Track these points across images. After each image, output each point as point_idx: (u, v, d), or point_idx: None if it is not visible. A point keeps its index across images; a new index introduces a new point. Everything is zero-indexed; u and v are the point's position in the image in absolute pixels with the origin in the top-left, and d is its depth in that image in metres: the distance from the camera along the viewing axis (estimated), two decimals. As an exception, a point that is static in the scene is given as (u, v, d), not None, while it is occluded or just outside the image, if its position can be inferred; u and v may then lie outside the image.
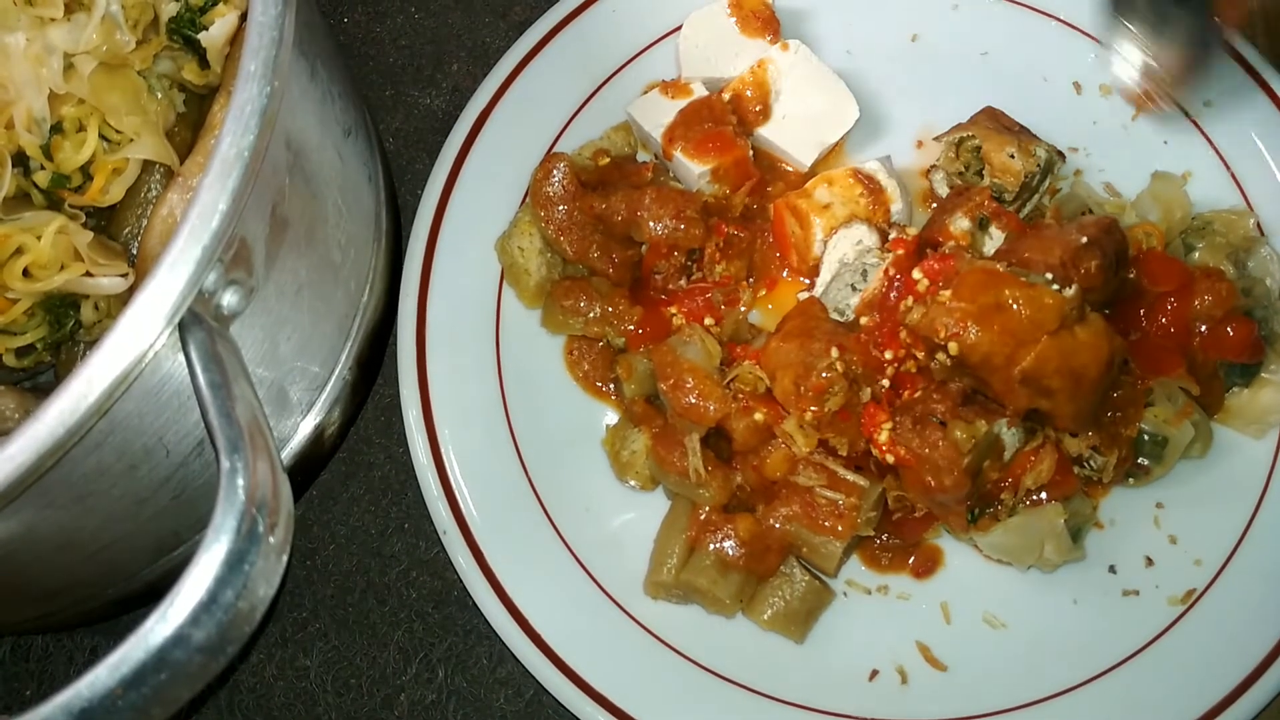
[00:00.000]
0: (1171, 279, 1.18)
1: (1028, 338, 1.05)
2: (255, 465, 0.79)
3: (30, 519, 0.87)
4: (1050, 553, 1.13)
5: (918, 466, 1.08)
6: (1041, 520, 1.12)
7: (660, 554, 1.17)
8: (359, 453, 1.31)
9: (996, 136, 1.24)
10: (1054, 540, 1.12)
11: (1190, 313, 1.17)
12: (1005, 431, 1.09)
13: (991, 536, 1.13)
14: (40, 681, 1.23)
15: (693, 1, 1.34)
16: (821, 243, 1.24)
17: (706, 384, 1.14)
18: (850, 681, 1.15)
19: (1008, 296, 1.06)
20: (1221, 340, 1.17)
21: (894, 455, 1.09)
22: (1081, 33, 1.34)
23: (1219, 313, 1.17)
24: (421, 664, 1.23)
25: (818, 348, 1.12)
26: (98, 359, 0.79)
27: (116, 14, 1.02)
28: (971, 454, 1.07)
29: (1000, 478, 1.11)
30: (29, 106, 1.00)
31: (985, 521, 1.13)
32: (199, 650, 0.76)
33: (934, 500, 1.10)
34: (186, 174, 1.03)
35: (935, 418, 1.08)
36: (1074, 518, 1.14)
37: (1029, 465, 1.11)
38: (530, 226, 1.27)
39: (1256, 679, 1.10)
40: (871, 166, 1.27)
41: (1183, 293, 1.17)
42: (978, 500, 1.11)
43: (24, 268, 0.98)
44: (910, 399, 1.12)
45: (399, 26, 1.48)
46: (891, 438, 1.09)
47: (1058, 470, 1.12)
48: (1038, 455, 1.11)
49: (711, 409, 1.13)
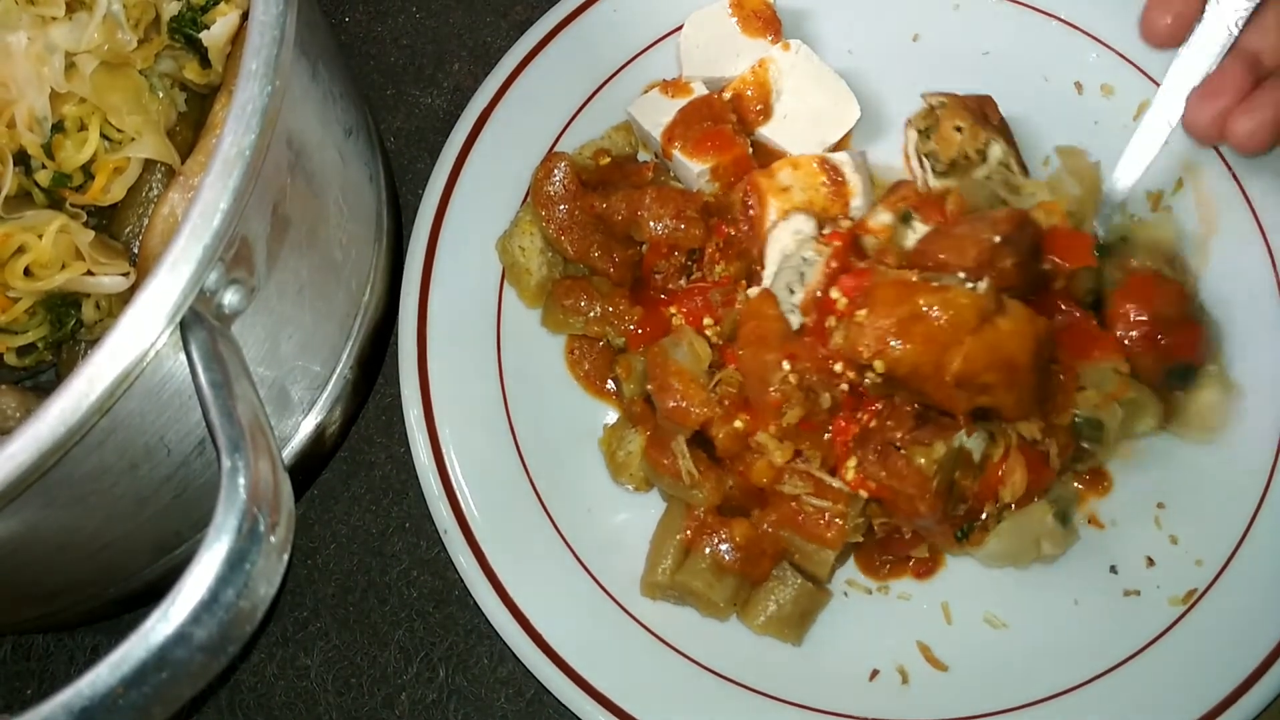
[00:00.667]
0: (1079, 254, 1.17)
1: (951, 341, 1.04)
2: (256, 464, 0.79)
3: (31, 518, 0.87)
4: (1048, 547, 1.13)
5: (891, 496, 1.08)
6: (1030, 519, 1.12)
7: (655, 555, 1.17)
8: (360, 452, 1.31)
9: (962, 113, 1.24)
10: (1048, 535, 1.12)
11: (1153, 318, 1.16)
12: (967, 441, 1.09)
13: (987, 548, 1.13)
14: (41, 681, 1.23)
15: (694, 1, 1.34)
16: (772, 223, 1.22)
17: (691, 387, 1.13)
18: (851, 681, 1.15)
19: (923, 304, 1.05)
20: (1178, 342, 1.17)
21: (865, 489, 1.10)
22: (1083, 32, 1.34)
23: (1177, 314, 1.17)
24: (422, 663, 1.23)
25: (771, 359, 1.11)
26: (99, 358, 0.79)
27: (118, 13, 1.02)
28: (938, 475, 1.07)
29: (979, 491, 1.11)
30: (30, 105, 1.00)
31: (976, 536, 1.13)
32: (200, 649, 0.76)
33: (917, 524, 1.11)
34: (188, 173, 1.03)
35: (895, 445, 1.08)
36: (1058, 503, 1.14)
37: (1002, 480, 1.11)
38: (531, 226, 1.27)
39: (1258, 679, 1.10)
40: (839, 158, 1.25)
41: (1142, 299, 1.16)
42: (963, 518, 1.12)
43: (25, 266, 0.98)
44: (867, 429, 1.11)
45: (400, 26, 1.49)
46: (858, 474, 1.10)
47: (1030, 470, 1.11)
48: (1007, 467, 1.10)
49: (694, 413, 1.12)
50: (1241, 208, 1.27)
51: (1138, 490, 1.20)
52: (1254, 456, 1.19)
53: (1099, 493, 1.20)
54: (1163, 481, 1.20)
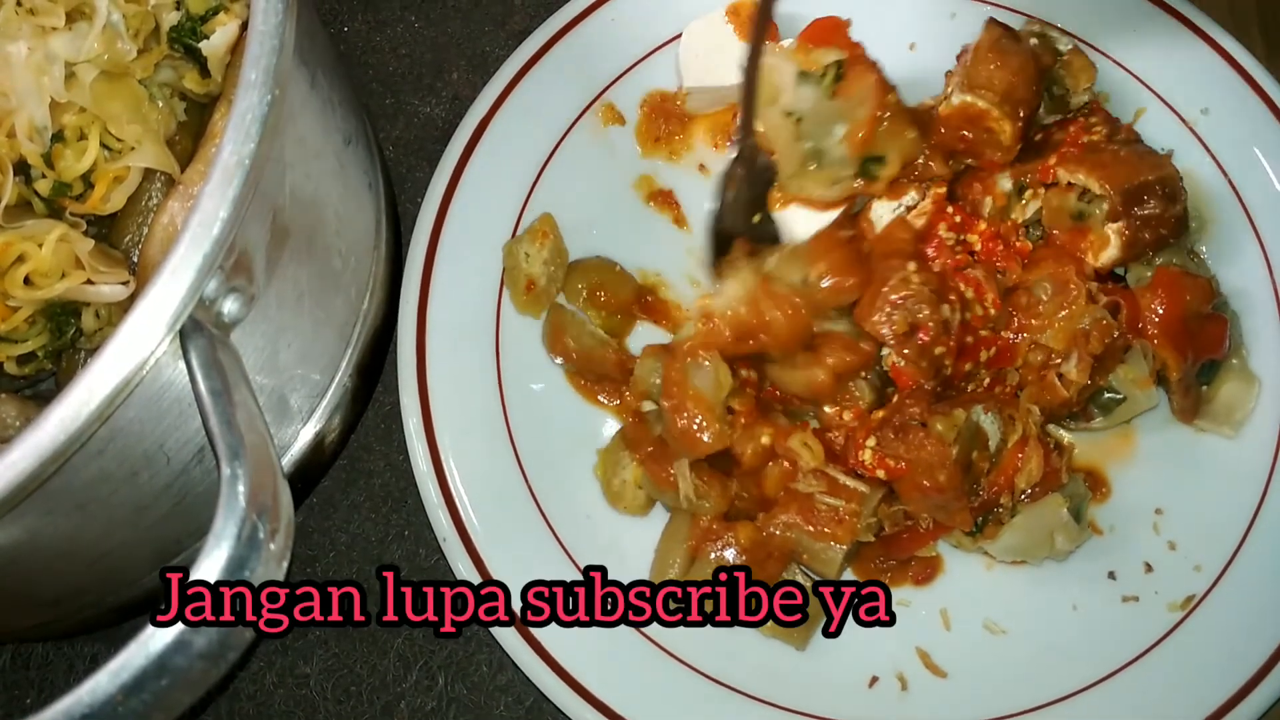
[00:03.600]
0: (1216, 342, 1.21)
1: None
2: (256, 472, 0.79)
3: (31, 526, 0.87)
4: (1062, 542, 1.13)
5: (910, 472, 1.08)
6: (1045, 513, 1.13)
7: (661, 563, 1.18)
8: (359, 460, 1.31)
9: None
10: (1062, 529, 1.13)
11: (1185, 311, 1.17)
12: (983, 418, 1.10)
13: (1001, 541, 1.14)
14: (41, 690, 1.23)
15: (691, 10, 1.35)
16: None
17: (708, 416, 1.12)
18: (851, 688, 1.15)
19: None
20: (1206, 338, 1.18)
21: (883, 469, 1.10)
22: (1080, 40, 1.34)
23: (1206, 309, 1.18)
24: (422, 671, 1.23)
25: (895, 262, 1.13)
26: (99, 366, 0.79)
27: (118, 23, 1.03)
28: (958, 443, 1.08)
29: (994, 478, 1.11)
30: (30, 115, 1.00)
31: (991, 529, 1.14)
32: (200, 656, 0.76)
33: (934, 504, 1.10)
34: (187, 182, 1.03)
35: (914, 421, 1.09)
36: (1073, 499, 1.15)
37: (1019, 465, 1.11)
38: (542, 238, 1.27)
39: (1256, 684, 1.10)
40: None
41: (1173, 296, 1.17)
42: (979, 508, 1.12)
43: (25, 275, 0.99)
44: (885, 415, 1.12)
45: (399, 35, 1.49)
46: (876, 453, 1.10)
47: (1046, 463, 1.13)
48: (1025, 453, 1.11)
49: (704, 442, 1.11)
50: (1234, 205, 1.28)
51: (1136, 496, 1.20)
52: (1252, 461, 1.20)
53: (1098, 499, 1.20)
54: (1161, 487, 1.20)
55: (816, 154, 1.20)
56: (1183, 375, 1.17)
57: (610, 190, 1.34)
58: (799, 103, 1.19)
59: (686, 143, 1.36)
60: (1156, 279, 1.18)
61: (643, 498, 1.21)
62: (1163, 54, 1.34)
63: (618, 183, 1.35)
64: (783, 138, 1.20)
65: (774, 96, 1.19)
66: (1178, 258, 1.21)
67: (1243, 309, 1.25)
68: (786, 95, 1.19)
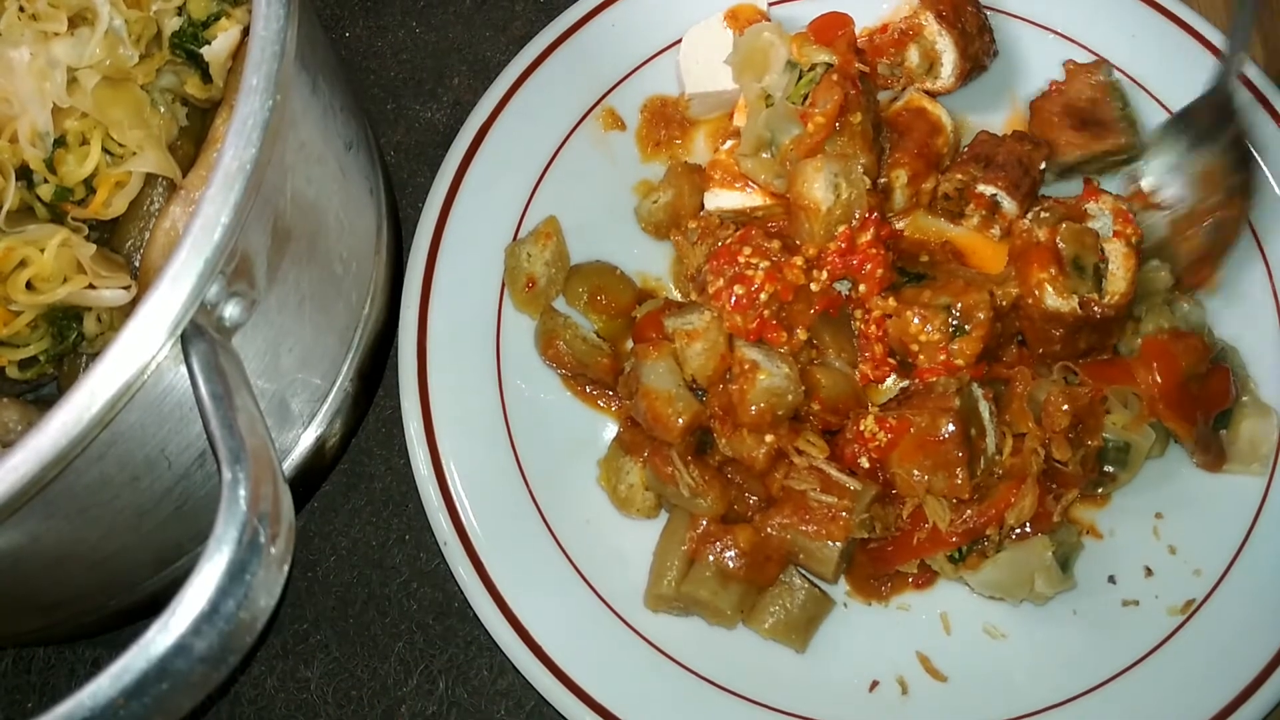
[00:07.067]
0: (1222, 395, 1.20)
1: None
2: (257, 477, 0.80)
3: (33, 530, 0.87)
4: (1041, 585, 1.13)
5: (912, 427, 1.11)
6: (1030, 553, 1.13)
7: (660, 567, 1.18)
8: (360, 464, 1.31)
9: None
10: (1044, 573, 1.12)
11: (1182, 378, 1.16)
12: (980, 401, 1.13)
13: (981, 574, 1.14)
14: (42, 694, 1.23)
15: (691, 15, 1.35)
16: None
17: (665, 407, 1.15)
18: (851, 692, 1.16)
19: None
20: (1211, 395, 1.17)
21: (885, 430, 1.12)
22: (1078, 44, 1.34)
23: (1203, 368, 1.17)
24: (422, 675, 1.23)
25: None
26: (100, 371, 0.79)
27: (120, 29, 1.03)
28: (959, 397, 1.10)
29: (985, 508, 1.12)
30: (32, 120, 1.00)
31: (974, 559, 1.14)
32: (201, 660, 0.76)
33: (934, 464, 1.10)
34: (189, 187, 1.03)
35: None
36: (1061, 547, 1.14)
37: (1011, 502, 1.11)
38: (545, 239, 1.28)
39: (1256, 689, 1.10)
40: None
41: (1166, 363, 1.16)
42: (965, 535, 1.12)
43: (27, 280, 0.99)
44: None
45: (400, 41, 1.49)
46: (878, 418, 1.13)
47: (1040, 504, 1.13)
48: (1020, 492, 1.11)
49: (672, 423, 1.14)
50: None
51: (1136, 500, 1.20)
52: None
53: (1098, 503, 1.20)
54: (1161, 492, 1.20)
55: (771, 144, 1.21)
56: (1196, 437, 1.17)
57: (611, 195, 1.35)
58: (775, 89, 1.20)
59: (687, 148, 1.37)
60: (1145, 350, 1.17)
61: (652, 499, 1.21)
62: (1160, 53, 1.34)
63: (618, 187, 1.35)
64: (752, 114, 1.23)
65: (761, 73, 1.21)
66: (1166, 320, 1.19)
67: (1245, 314, 1.24)
68: (770, 77, 1.20)
